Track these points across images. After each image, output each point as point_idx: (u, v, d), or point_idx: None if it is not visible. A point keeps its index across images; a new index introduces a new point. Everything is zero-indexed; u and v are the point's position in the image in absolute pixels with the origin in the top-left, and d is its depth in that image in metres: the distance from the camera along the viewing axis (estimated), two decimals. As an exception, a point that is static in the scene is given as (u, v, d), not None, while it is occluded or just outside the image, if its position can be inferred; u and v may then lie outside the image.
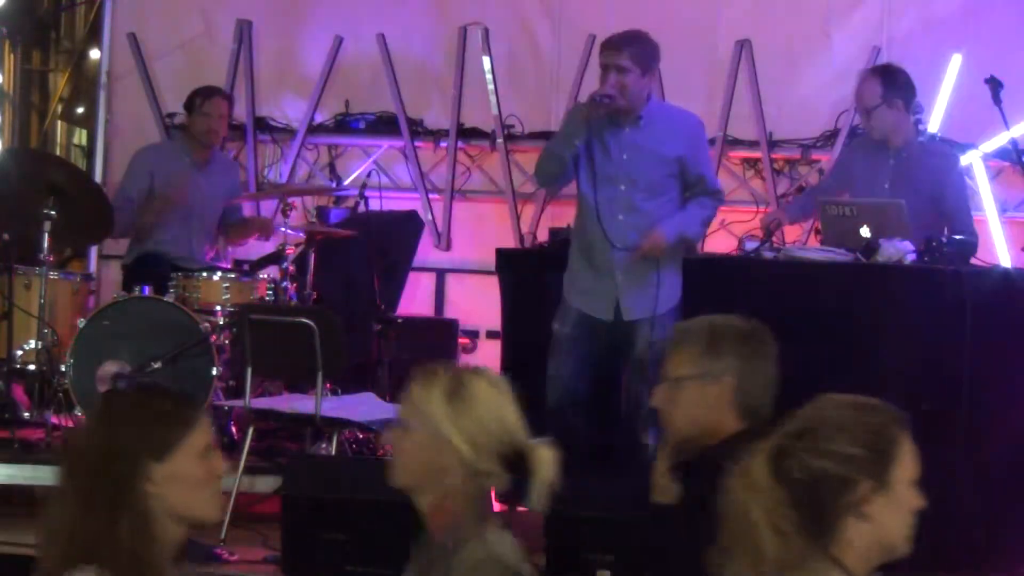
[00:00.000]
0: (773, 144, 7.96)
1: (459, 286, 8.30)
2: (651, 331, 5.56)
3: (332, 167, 8.17)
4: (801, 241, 7.37)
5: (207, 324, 6.41)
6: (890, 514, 2.37)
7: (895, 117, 6.16)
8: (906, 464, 2.41)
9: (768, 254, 6.03)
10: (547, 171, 5.79)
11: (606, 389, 5.73)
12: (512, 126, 8.10)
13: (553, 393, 5.69)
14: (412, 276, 7.90)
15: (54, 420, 6.23)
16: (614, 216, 5.60)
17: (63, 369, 6.29)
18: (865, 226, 5.82)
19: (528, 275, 6.17)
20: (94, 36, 9.28)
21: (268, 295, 6.70)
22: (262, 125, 8.31)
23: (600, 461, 5.67)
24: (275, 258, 7.02)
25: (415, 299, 8.15)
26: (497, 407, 2.99)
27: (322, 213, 7.69)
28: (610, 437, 5.75)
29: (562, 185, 6.05)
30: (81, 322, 6.33)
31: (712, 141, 7.96)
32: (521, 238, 7.95)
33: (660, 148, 5.64)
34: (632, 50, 5.60)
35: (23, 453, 6.08)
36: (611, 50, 5.61)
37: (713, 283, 5.94)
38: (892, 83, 6.18)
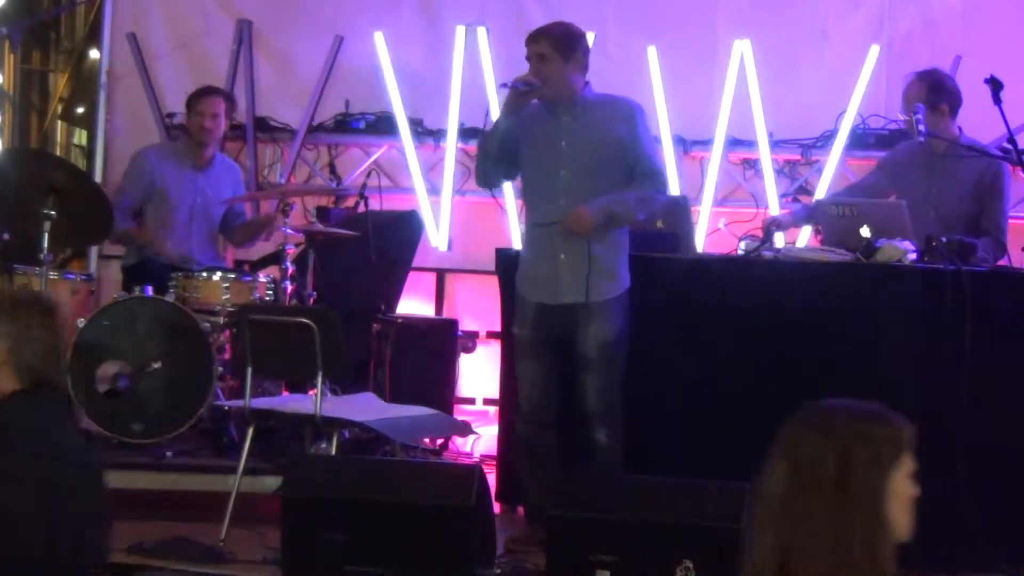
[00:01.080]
0: (773, 144, 7.97)
1: (459, 286, 8.30)
2: (596, 322, 5.59)
3: (332, 167, 8.16)
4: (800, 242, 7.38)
5: (207, 324, 6.41)
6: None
7: (938, 121, 6.21)
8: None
9: (768, 254, 6.03)
10: (482, 169, 5.87)
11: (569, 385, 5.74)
12: (512, 126, 8.10)
13: (523, 395, 5.71)
14: (412, 276, 7.89)
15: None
16: (556, 201, 5.65)
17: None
18: (865, 226, 5.82)
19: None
20: (94, 36, 9.28)
21: (268, 295, 6.70)
22: (262, 125, 8.31)
23: (564, 463, 5.67)
24: (275, 258, 7.02)
25: (415, 299, 8.15)
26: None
27: (322, 213, 7.68)
28: (572, 435, 5.74)
29: (502, 182, 6.25)
30: (81, 322, 6.33)
31: (711, 141, 7.99)
32: (521, 238, 7.94)
33: (599, 132, 5.68)
34: (549, 38, 5.68)
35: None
36: (532, 41, 5.71)
37: (713, 283, 5.94)
38: (937, 88, 6.24)
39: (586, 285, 5.58)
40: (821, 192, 7.78)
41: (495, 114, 7.99)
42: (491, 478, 5.59)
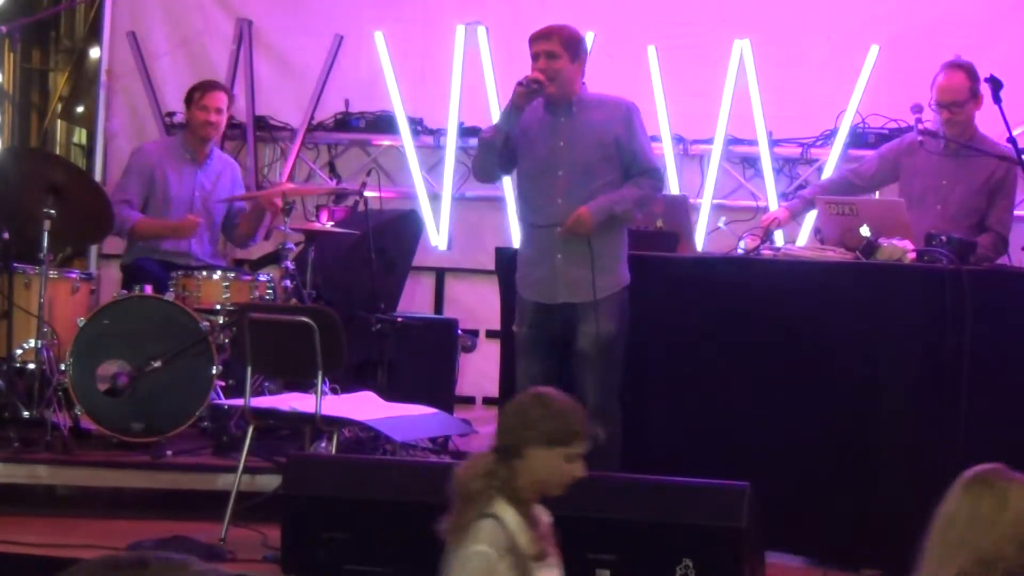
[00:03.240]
0: (773, 143, 7.97)
1: (459, 286, 8.30)
2: (595, 319, 5.60)
3: (332, 166, 8.14)
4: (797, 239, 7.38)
5: (207, 323, 6.41)
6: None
7: (974, 110, 6.26)
8: None
9: (768, 253, 6.03)
10: (482, 163, 5.91)
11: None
12: (512, 125, 8.10)
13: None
14: (412, 275, 7.90)
15: (54, 419, 6.22)
16: (553, 201, 5.69)
17: (63, 368, 6.29)
18: (864, 225, 5.82)
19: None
20: (94, 35, 9.27)
21: (268, 294, 6.70)
22: (262, 124, 8.32)
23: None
24: (275, 257, 7.02)
25: (415, 299, 8.15)
26: None
27: (322, 212, 7.68)
28: None
29: (500, 176, 6.19)
30: (81, 321, 6.33)
31: (711, 140, 7.99)
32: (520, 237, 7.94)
33: (596, 132, 5.73)
34: (560, 36, 5.75)
35: (22, 452, 6.09)
36: (541, 38, 5.76)
37: (713, 283, 5.94)
38: (976, 77, 6.26)
39: (585, 284, 5.61)
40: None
41: (495, 113, 8.01)
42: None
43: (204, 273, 6.76)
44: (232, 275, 6.80)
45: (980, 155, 6.28)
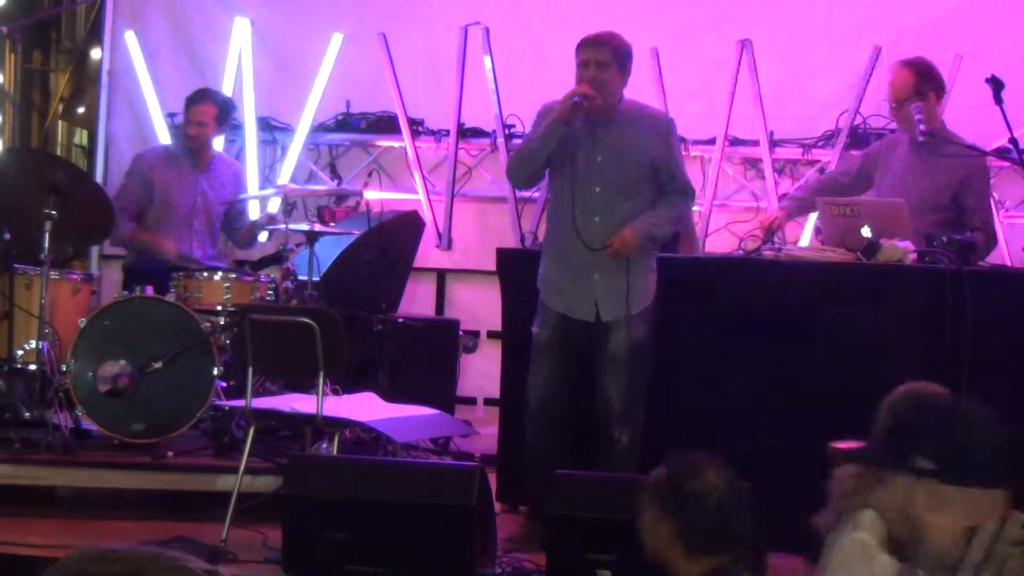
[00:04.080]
0: (774, 144, 7.97)
1: (460, 286, 8.30)
2: (626, 330, 5.60)
3: (333, 167, 8.17)
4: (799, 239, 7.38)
5: (208, 324, 6.41)
6: None
7: (927, 109, 6.21)
8: None
9: (769, 254, 6.03)
10: (524, 173, 5.77)
11: (584, 389, 5.73)
12: (512, 126, 8.11)
13: (535, 396, 5.71)
14: (413, 276, 7.90)
15: (55, 420, 6.22)
16: (590, 218, 5.61)
17: (64, 369, 6.29)
18: (865, 226, 5.82)
19: (529, 275, 6.16)
20: (95, 35, 9.28)
21: (269, 295, 6.70)
22: (263, 125, 8.32)
23: (579, 461, 5.67)
24: (276, 258, 7.02)
25: (416, 299, 8.15)
26: None
27: (323, 213, 7.68)
28: (588, 436, 5.76)
29: (535, 185, 6.00)
30: (82, 322, 6.33)
31: (712, 141, 7.99)
32: (522, 238, 7.95)
33: (634, 149, 5.64)
34: (613, 46, 5.63)
35: (23, 453, 6.09)
36: (592, 46, 5.61)
37: (713, 283, 5.94)
38: (925, 75, 6.24)
39: (619, 302, 5.59)
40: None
41: (495, 113, 8.01)
42: (491, 478, 5.58)
43: (205, 274, 6.76)
44: (233, 276, 6.80)
45: (948, 151, 6.27)
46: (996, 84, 6.05)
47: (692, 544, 3.33)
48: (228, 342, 6.42)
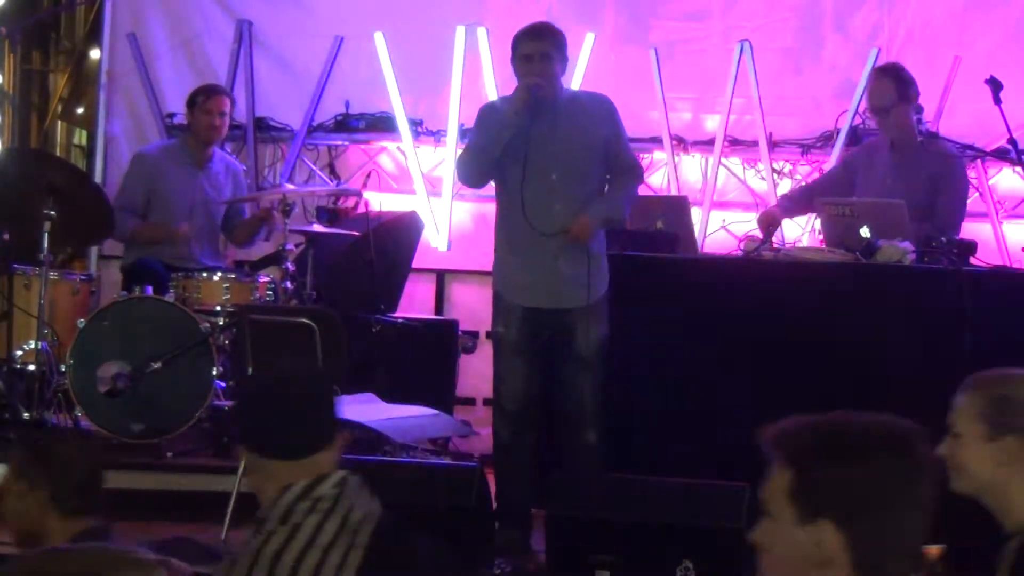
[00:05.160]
0: (773, 145, 7.96)
1: (459, 287, 8.30)
2: (588, 324, 5.59)
3: (332, 167, 8.16)
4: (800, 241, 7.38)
5: (207, 324, 6.41)
6: None
7: (908, 113, 6.22)
8: None
9: (768, 255, 6.03)
10: (477, 169, 5.76)
11: (551, 386, 5.72)
12: (512, 126, 8.10)
13: (508, 396, 5.68)
14: (412, 276, 7.89)
15: (54, 421, 6.22)
16: (550, 206, 5.59)
17: (63, 369, 6.29)
18: (865, 226, 5.82)
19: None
20: (94, 36, 9.27)
21: (268, 295, 6.70)
22: (262, 125, 8.31)
23: (551, 463, 5.65)
24: (275, 258, 7.02)
25: (415, 300, 8.15)
26: None
27: (322, 213, 7.68)
28: (558, 436, 5.73)
29: (486, 182, 5.97)
30: (81, 322, 6.33)
31: (711, 142, 7.99)
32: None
33: (586, 133, 5.67)
34: (555, 39, 5.67)
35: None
36: (535, 39, 5.65)
37: (713, 284, 5.94)
38: (904, 80, 6.25)
39: (580, 288, 5.58)
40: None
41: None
42: (490, 478, 5.58)
43: (204, 274, 6.76)
44: (232, 276, 6.80)
45: (923, 153, 6.27)
46: (995, 85, 6.06)
47: (66, 506, 3.55)
48: (227, 343, 6.42)
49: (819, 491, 2.16)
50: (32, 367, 6.46)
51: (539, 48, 5.62)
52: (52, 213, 6.33)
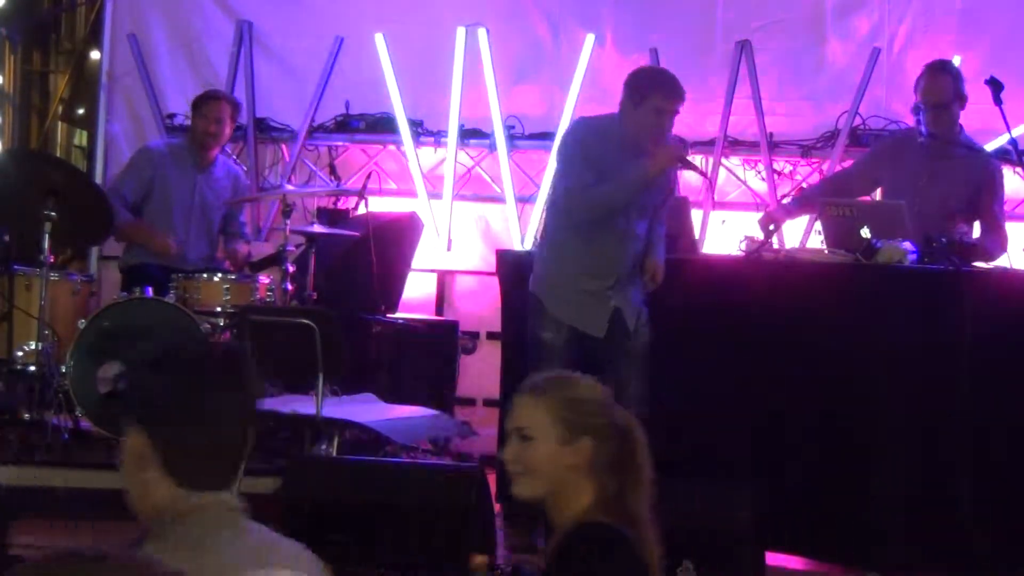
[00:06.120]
0: (773, 145, 7.96)
1: (460, 287, 8.30)
2: (641, 329, 5.71)
3: (332, 168, 8.15)
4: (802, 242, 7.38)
5: (207, 325, 6.41)
6: None
7: (958, 112, 6.24)
8: None
9: (768, 255, 6.03)
10: (603, 215, 5.66)
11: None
12: (513, 127, 8.11)
13: None
14: (412, 277, 7.89)
15: (54, 421, 6.22)
16: (629, 246, 5.69)
17: (63, 370, 6.29)
18: (865, 226, 5.82)
19: (529, 276, 6.17)
20: (94, 37, 9.28)
21: (268, 296, 6.70)
22: (262, 126, 8.32)
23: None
24: (275, 259, 7.02)
25: (416, 300, 8.15)
26: None
27: (322, 214, 7.68)
28: None
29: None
30: (81, 323, 6.33)
31: (712, 142, 7.99)
32: (522, 239, 7.96)
33: (665, 179, 5.78)
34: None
35: (23, 454, 6.09)
36: (678, 99, 5.62)
37: (714, 284, 5.94)
38: (960, 78, 6.26)
39: (635, 315, 5.69)
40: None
41: (496, 114, 8.01)
42: (491, 478, 5.58)
43: (204, 275, 6.76)
44: (232, 277, 6.80)
45: (964, 156, 6.27)
46: (995, 85, 6.05)
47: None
48: (227, 343, 6.42)
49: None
50: (32, 367, 6.46)
51: (676, 108, 5.61)
52: (52, 214, 6.33)
